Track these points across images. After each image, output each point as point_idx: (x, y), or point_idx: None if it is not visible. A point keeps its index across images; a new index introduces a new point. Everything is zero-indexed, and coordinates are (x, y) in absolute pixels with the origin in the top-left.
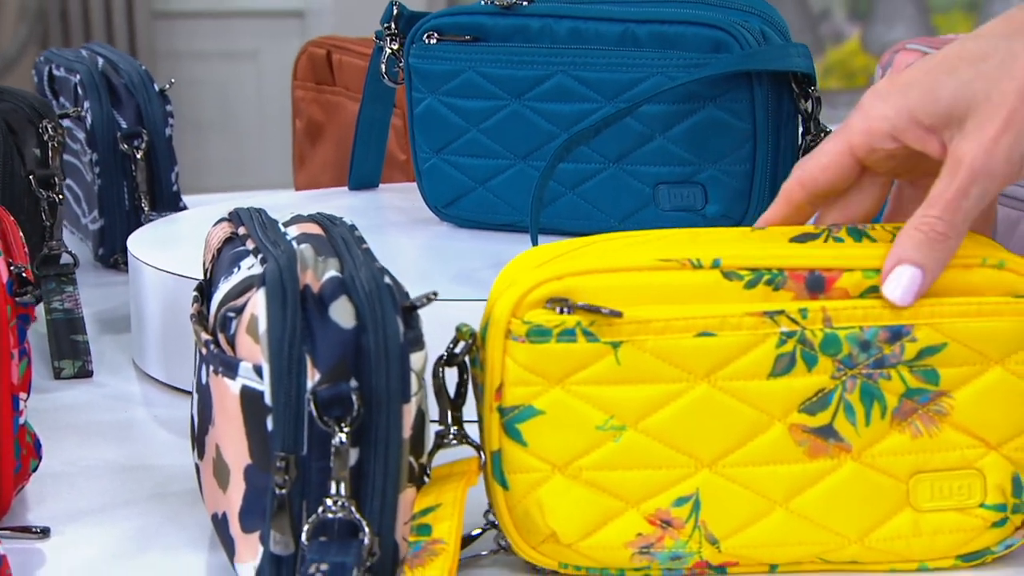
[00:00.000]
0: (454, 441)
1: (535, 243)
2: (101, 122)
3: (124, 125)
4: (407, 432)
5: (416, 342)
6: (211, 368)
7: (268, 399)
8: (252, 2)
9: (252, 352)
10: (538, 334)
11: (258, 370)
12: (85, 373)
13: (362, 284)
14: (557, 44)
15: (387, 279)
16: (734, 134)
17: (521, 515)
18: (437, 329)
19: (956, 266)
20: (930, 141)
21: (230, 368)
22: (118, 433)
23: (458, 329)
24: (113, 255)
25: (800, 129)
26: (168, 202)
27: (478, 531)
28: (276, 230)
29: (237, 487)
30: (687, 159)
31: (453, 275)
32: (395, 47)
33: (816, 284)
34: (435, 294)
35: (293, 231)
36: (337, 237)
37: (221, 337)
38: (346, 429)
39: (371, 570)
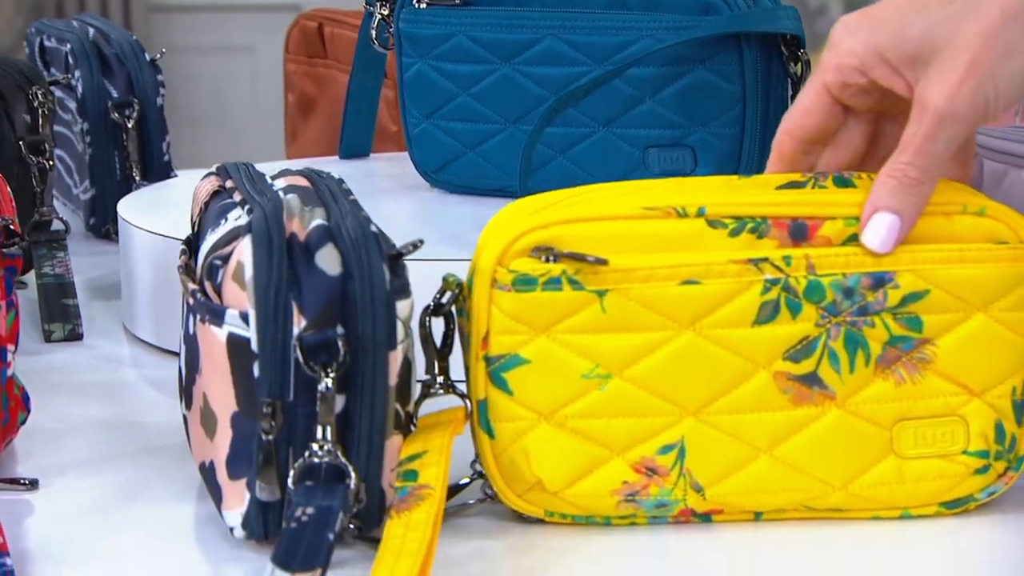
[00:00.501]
0: (440, 391)
1: None
2: (92, 91)
3: (115, 94)
4: (393, 379)
5: (402, 290)
6: (198, 317)
7: (254, 345)
8: None
9: (239, 299)
10: (524, 283)
11: (244, 317)
12: (75, 336)
13: (348, 232)
14: (546, 7)
15: (373, 228)
16: (723, 97)
17: (507, 463)
18: (427, 287)
19: (936, 214)
20: (897, 80)
21: (217, 316)
22: (107, 392)
23: (445, 279)
24: (104, 225)
25: (790, 92)
26: (159, 171)
27: (465, 480)
28: (263, 182)
29: (224, 434)
30: (676, 122)
31: (442, 236)
32: (385, 12)
33: (799, 232)
34: (421, 242)
35: (280, 183)
36: (324, 189)
37: (208, 286)
38: (332, 375)
39: (358, 516)
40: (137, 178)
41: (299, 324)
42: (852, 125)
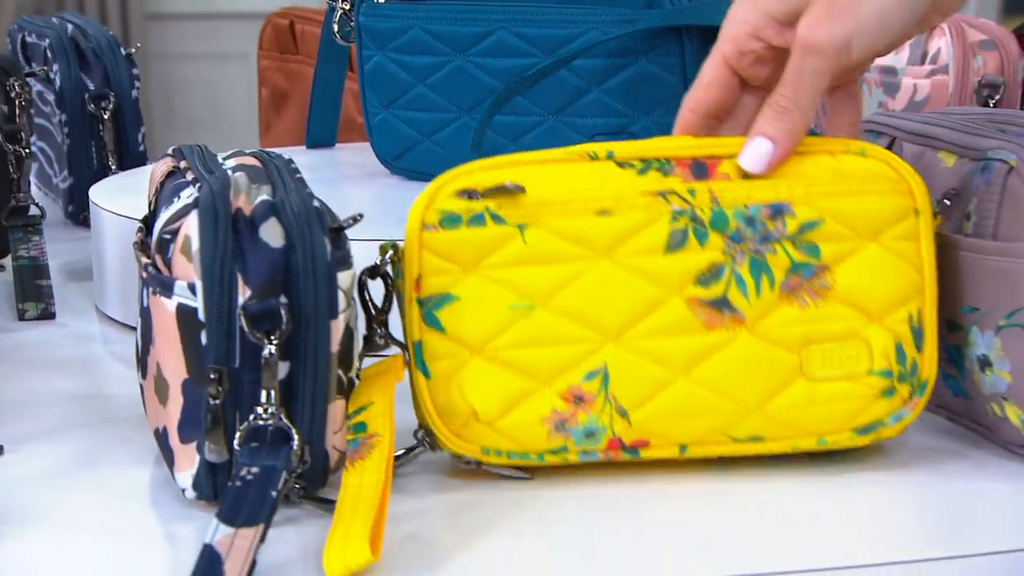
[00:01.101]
0: (381, 342)
1: None
2: (70, 84)
3: (92, 87)
4: (335, 347)
5: (343, 261)
6: (150, 290)
7: (202, 315)
8: (243, 4)
9: (187, 271)
10: (450, 220)
11: (192, 288)
12: (48, 315)
13: (291, 207)
14: (499, 2)
15: (316, 203)
16: (665, 87)
17: (444, 403)
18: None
19: (822, 152)
20: (786, 34)
21: (166, 287)
22: (76, 367)
23: (380, 246)
24: (82, 212)
25: None
26: (135, 161)
27: (411, 447)
28: (215, 162)
29: (175, 401)
30: (621, 111)
31: (398, 219)
32: (347, 7)
33: (700, 170)
34: (360, 216)
35: (231, 163)
36: (272, 168)
37: (159, 259)
38: (275, 342)
39: (303, 477)
40: (113, 167)
41: (244, 294)
42: (748, 100)
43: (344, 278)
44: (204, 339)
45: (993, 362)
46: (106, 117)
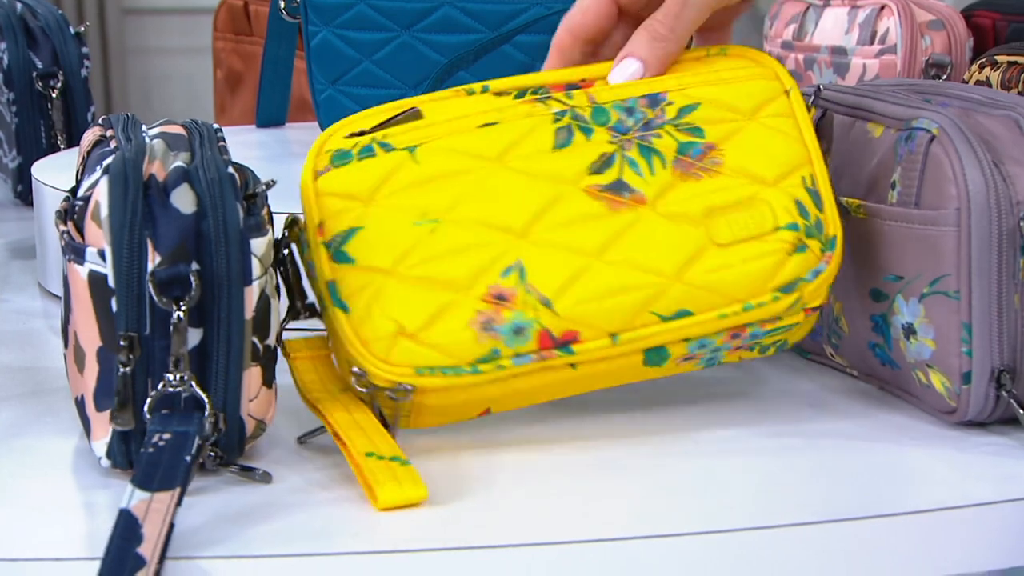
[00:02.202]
0: (304, 313)
1: None
2: (17, 63)
3: (40, 65)
4: (249, 314)
5: (258, 228)
6: (67, 258)
7: (111, 281)
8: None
9: (97, 237)
10: (340, 157)
11: (102, 254)
12: None
13: (204, 173)
14: None
15: (230, 169)
16: None
17: (368, 332)
18: None
19: (688, 59)
20: None
21: (78, 254)
22: (14, 340)
23: (284, 221)
24: (31, 192)
25: None
26: None
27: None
28: (136, 130)
29: (91, 369)
30: None
31: None
32: None
33: (574, 89)
34: (274, 182)
35: (154, 131)
36: (195, 136)
37: (72, 227)
38: (183, 308)
39: (218, 444)
40: (63, 147)
41: (153, 260)
42: (622, 29)
43: (259, 245)
44: (115, 306)
45: (917, 330)
46: (54, 96)
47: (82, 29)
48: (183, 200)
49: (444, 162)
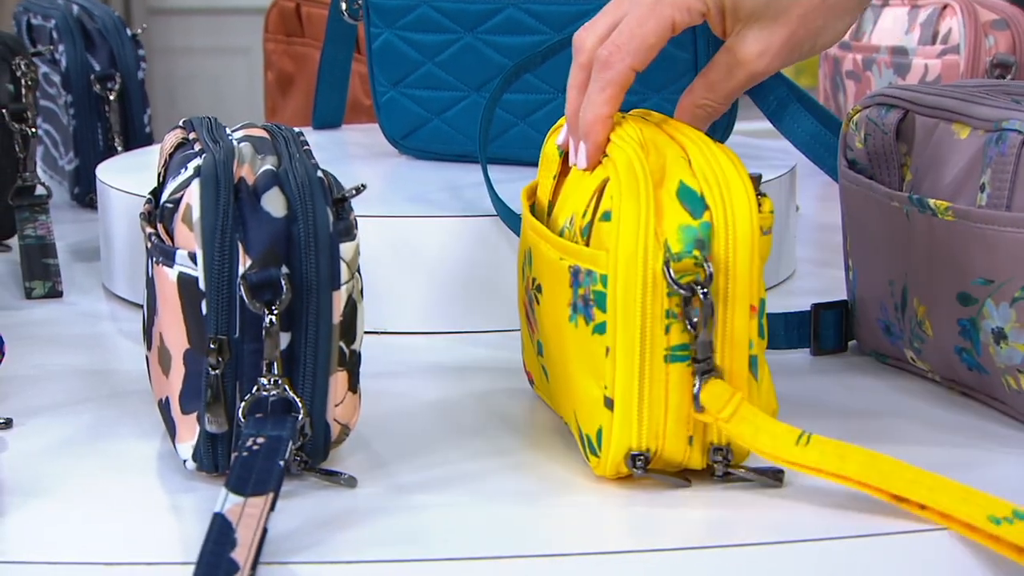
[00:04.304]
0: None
1: (485, 168)
2: (75, 65)
3: (97, 68)
4: (337, 318)
5: (346, 232)
6: (154, 260)
7: (202, 284)
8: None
9: (188, 240)
10: None
11: (193, 257)
12: (55, 293)
13: (295, 177)
14: None
15: (320, 173)
16: (676, 64)
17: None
18: (391, 241)
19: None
20: (719, 25)
21: (168, 256)
22: (84, 343)
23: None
24: (88, 194)
25: None
26: (141, 142)
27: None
28: (222, 132)
29: (177, 371)
30: (632, 88)
31: (407, 196)
32: None
33: None
34: (364, 186)
35: (239, 134)
36: (280, 139)
37: (162, 229)
38: (275, 312)
39: (303, 449)
40: (119, 149)
41: (244, 264)
42: None
43: (347, 249)
44: (204, 309)
45: (1008, 335)
46: (112, 98)
47: (139, 31)
48: (274, 204)
49: None
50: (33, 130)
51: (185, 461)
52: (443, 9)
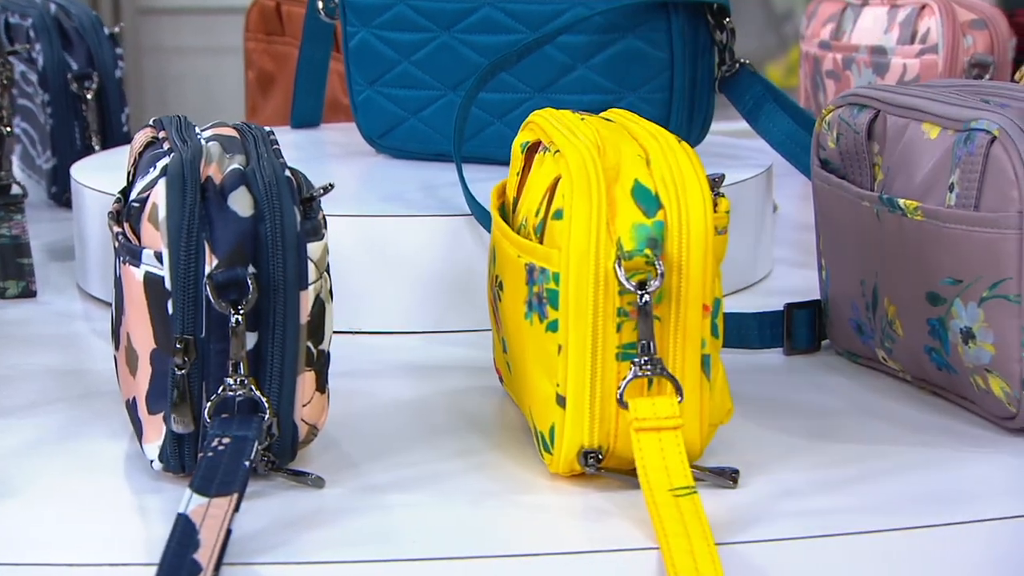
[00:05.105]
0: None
1: (459, 167)
2: (52, 64)
3: (75, 67)
4: (304, 318)
5: (314, 232)
6: (121, 259)
7: (168, 283)
8: None
9: (154, 239)
10: None
11: (159, 256)
12: (29, 293)
13: (262, 176)
14: None
15: (288, 173)
16: (652, 63)
17: (717, 413)
18: (366, 243)
19: None
20: None
21: (135, 256)
22: (58, 343)
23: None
24: (65, 193)
25: (716, 59)
26: (119, 141)
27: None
28: (191, 131)
29: (144, 371)
30: (608, 87)
31: (383, 196)
32: None
33: None
34: (331, 185)
35: (208, 133)
36: (249, 139)
37: (128, 228)
38: (241, 311)
39: (270, 450)
40: (97, 148)
41: (211, 263)
42: None
43: (315, 249)
44: (171, 308)
45: (976, 334)
46: (89, 97)
47: (116, 30)
48: (241, 203)
49: None
50: (8, 129)
51: (152, 462)
52: (419, 8)
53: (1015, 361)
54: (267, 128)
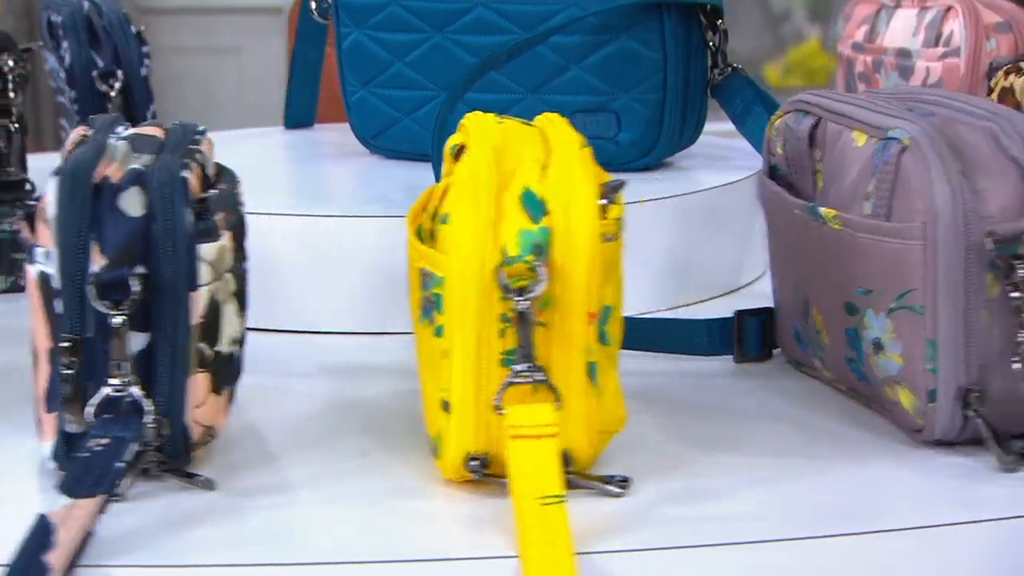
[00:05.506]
0: None
1: (436, 165)
2: (79, 61)
3: (101, 64)
4: (196, 319)
5: (208, 233)
6: (24, 256)
7: (56, 282)
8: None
9: (46, 238)
10: None
11: (49, 255)
12: (17, 288)
13: (157, 176)
14: None
15: (185, 173)
16: (646, 64)
17: (607, 420)
18: (350, 244)
19: None
20: None
21: (30, 253)
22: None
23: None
24: None
25: (709, 61)
26: None
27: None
28: (110, 131)
29: (43, 370)
30: (601, 88)
31: (368, 197)
32: None
33: None
34: (229, 186)
35: (128, 132)
36: (174, 139)
37: (27, 225)
38: (124, 312)
39: (162, 450)
40: None
41: (98, 263)
42: None
43: (208, 250)
44: (59, 307)
45: (885, 345)
46: (113, 94)
47: (143, 28)
48: (132, 203)
49: None
50: (16, 126)
51: (47, 460)
52: (413, 8)
53: (920, 373)
54: (200, 128)
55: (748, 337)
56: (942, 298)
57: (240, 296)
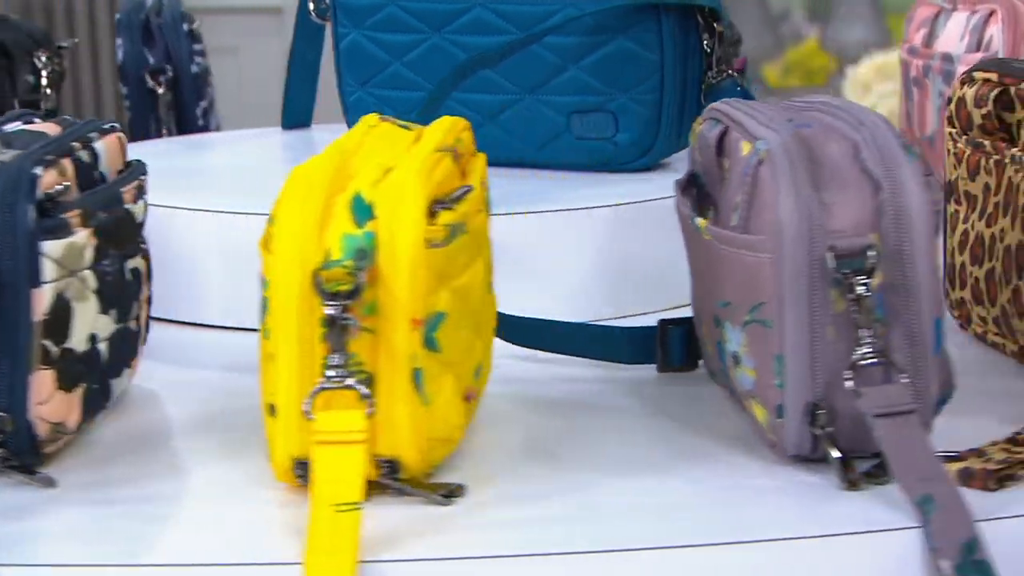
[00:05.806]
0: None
1: None
2: (131, 58)
3: (151, 61)
4: (38, 316)
5: (55, 231)
6: None
7: None
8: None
9: None
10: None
11: None
12: None
13: (3, 172)
14: None
15: (38, 169)
16: (643, 65)
17: (439, 428)
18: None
19: None
20: None
21: None
22: None
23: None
24: None
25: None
26: (194, 134)
27: None
28: (7, 125)
29: None
30: (598, 89)
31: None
32: None
33: None
34: (68, 185)
35: (15, 127)
36: (65, 134)
37: None
38: None
39: (5, 446)
40: None
41: None
42: None
43: (53, 247)
44: None
45: (741, 358)
46: (160, 91)
47: (196, 25)
48: None
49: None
50: None
51: None
52: (411, 9)
53: (770, 387)
54: (106, 125)
55: (672, 346)
56: (788, 312)
57: (105, 294)
